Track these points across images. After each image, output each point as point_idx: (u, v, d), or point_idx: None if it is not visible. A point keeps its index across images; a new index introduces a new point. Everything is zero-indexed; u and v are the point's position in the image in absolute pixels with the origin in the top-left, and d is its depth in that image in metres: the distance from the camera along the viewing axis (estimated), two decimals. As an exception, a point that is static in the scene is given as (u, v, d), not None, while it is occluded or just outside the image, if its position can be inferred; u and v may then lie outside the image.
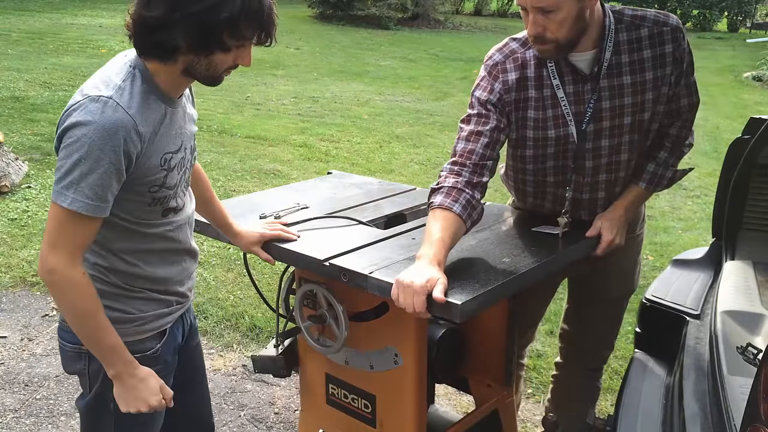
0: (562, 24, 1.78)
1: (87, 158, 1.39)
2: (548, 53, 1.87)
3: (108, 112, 1.39)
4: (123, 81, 1.45)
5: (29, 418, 2.77)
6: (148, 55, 1.47)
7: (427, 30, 19.00)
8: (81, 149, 1.38)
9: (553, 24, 1.78)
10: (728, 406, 1.70)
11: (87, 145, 1.38)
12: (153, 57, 1.47)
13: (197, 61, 1.47)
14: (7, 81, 8.38)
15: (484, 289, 1.65)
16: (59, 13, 15.38)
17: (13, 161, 5.25)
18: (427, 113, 8.84)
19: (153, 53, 1.46)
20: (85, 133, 1.38)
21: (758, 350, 1.82)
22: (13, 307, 3.60)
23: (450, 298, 1.60)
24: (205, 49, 1.44)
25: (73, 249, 1.44)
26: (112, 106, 1.40)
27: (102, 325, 1.51)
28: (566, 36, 1.81)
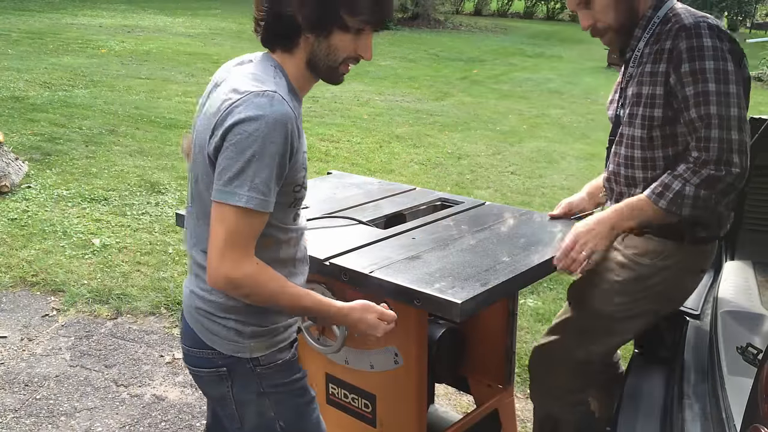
0: (606, 10, 1.87)
1: (261, 153, 1.34)
2: (611, 42, 1.95)
3: (276, 105, 1.36)
4: (274, 77, 1.43)
5: (29, 418, 2.77)
6: (274, 43, 1.47)
7: (427, 30, 18.99)
8: (254, 144, 1.34)
9: (598, 13, 1.87)
10: (728, 406, 1.70)
11: (261, 139, 1.34)
12: (278, 45, 1.47)
13: (317, 46, 1.44)
14: (7, 81, 8.38)
15: (483, 288, 1.66)
16: (59, 13, 15.38)
17: (13, 161, 5.25)
18: (427, 113, 8.83)
19: (277, 39, 1.46)
20: (257, 128, 1.33)
21: (758, 350, 1.82)
22: (13, 307, 3.60)
23: (449, 297, 1.60)
24: (323, 26, 1.41)
25: (247, 246, 1.40)
26: (278, 99, 1.37)
27: (298, 293, 1.49)
28: (616, 20, 1.88)
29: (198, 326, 1.54)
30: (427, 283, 1.69)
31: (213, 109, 1.41)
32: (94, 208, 4.86)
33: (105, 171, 5.63)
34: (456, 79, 11.80)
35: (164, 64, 10.63)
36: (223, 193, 1.36)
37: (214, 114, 1.40)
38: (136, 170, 5.70)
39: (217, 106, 1.40)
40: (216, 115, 1.39)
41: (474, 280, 1.69)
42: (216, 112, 1.39)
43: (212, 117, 1.40)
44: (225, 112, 1.37)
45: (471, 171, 6.44)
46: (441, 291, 1.65)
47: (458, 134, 7.83)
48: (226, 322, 1.51)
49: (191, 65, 10.71)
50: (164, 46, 12.21)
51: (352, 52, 1.47)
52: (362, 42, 1.46)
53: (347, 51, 1.46)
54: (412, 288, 1.67)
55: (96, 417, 2.79)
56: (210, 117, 1.41)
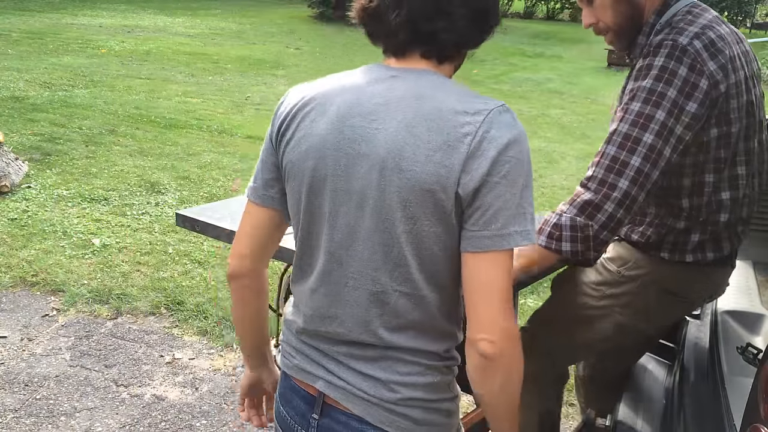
0: (604, 10, 1.77)
1: (529, 179, 1.14)
2: (612, 43, 1.85)
3: (516, 118, 1.16)
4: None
5: (29, 418, 2.77)
6: (437, 54, 1.23)
7: (427, 30, 18.97)
8: (522, 169, 1.13)
9: (598, 12, 1.79)
10: (728, 406, 1.70)
11: (526, 162, 1.14)
12: (436, 55, 1.23)
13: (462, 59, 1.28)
14: (7, 81, 8.38)
15: None
16: (59, 13, 15.38)
17: (13, 161, 5.25)
18: (427, 113, 8.83)
19: (442, 49, 1.23)
20: (521, 149, 1.13)
21: (758, 350, 1.82)
22: (13, 307, 3.60)
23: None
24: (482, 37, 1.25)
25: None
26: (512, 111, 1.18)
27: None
28: (615, 21, 1.77)
29: (400, 424, 1.22)
30: None
31: (422, 141, 1.11)
32: (94, 208, 4.86)
33: (105, 171, 5.63)
34: (456, 79, 11.79)
35: (164, 64, 10.64)
36: (501, 238, 1.11)
37: (439, 148, 1.10)
38: (136, 170, 5.70)
39: (440, 136, 1.11)
40: (469, 141, 1.10)
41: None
42: (444, 144, 1.10)
43: (437, 152, 1.10)
44: (473, 141, 1.10)
45: (471, 171, 6.43)
46: None
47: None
48: (440, 404, 1.26)
49: (191, 65, 10.71)
50: (164, 46, 12.21)
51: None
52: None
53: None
54: None
55: (96, 417, 2.79)
56: (432, 151, 1.10)
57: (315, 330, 1.27)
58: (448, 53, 1.22)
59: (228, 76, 10.15)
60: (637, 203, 1.54)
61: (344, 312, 1.22)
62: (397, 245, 1.15)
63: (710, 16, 1.71)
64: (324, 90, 1.23)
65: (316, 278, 1.25)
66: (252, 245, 1.34)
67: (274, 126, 1.28)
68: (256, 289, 1.39)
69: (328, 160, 1.17)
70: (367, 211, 1.15)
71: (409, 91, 1.15)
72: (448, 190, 1.10)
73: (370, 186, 1.14)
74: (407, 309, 1.19)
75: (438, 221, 1.13)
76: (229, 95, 9.07)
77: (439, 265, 1.17)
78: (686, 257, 1.76)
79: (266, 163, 1.30)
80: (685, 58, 1.56)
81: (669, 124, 1.54)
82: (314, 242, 1.24)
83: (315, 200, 1.21)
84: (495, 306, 1.12)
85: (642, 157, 1.53)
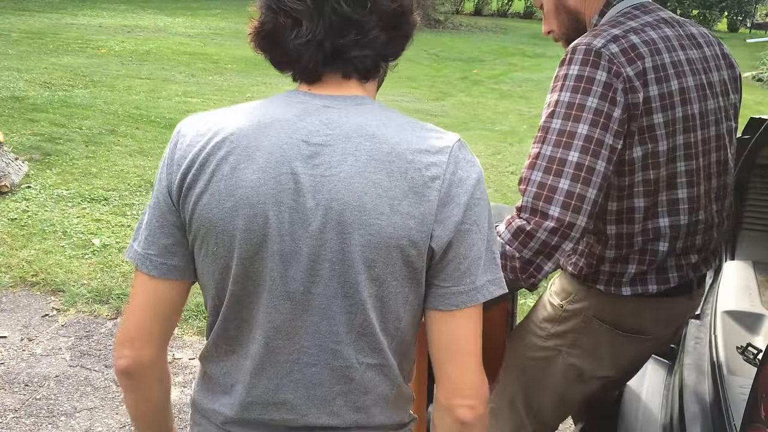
0: (550, 17, 1.70)
1: (491, 215, 1.04)
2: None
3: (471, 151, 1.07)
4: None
5: (29, 418, 2.77)
6: (366, 73, 1.08)
7: (427, 30, 18.98)
8: (487, 208, 1.03)
9: (549, 21, 1.71)
10: (728, 406, 1.70)
11: (487, 199, 1.04)
12: (366, 74, 1.08)
13: (384, 71, 1.14)
14: (7, 81, 8.38)
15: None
16: (59, 13, 15.38)
17: (13, 161, 5.25)
18: (427, 113, 8.83)
19: (372, 68, 1.08)
20: (483, 188, 1.02)
21: (758, 350, 1.82)
22: (13, 307, 3.60)
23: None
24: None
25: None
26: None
27: None
28: (561, 30, 1.69)
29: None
30: None
31: (383, 190, 0.96)
32: (94, 208, 4.86)
33: (105, 171, 5.63)
34: (456, 79, 11.80)
35: (164, 64, 10.63)
36: (476, 291, 1.00)
37: (404, 195, 0.96)
38: (136, 170, 5.70)
39: (403, 182, 0.96)
40: (417, 194, 0.96)
41: None
42: (410, 191, 0.96)
43: (403, 200, 0.96)
44: (443, 185, 0.97)
45: (471, 171, 6.44)
46: None
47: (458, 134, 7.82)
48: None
49: (191, 65, 10.71)
50: (164, 46, 12.21)
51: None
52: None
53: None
54: None
55: (96, 417, 2.79)
56: (397, 201, 0.96)
57: (255, 419, 1.06)
58: (369, 69, 1.04)
59: (228, 76, 10.15)
60: (575, 228, 1.40)
61: (296, 395, 1.04)
62: (361, 312, 0.99)
63: (649, 18, 1.55)
64: (238, 127, 1.00)
65: (256, 358, 1.04)
66: (153, 329, 1.07)
67: (172, 176, 1.01)
68: (161, 378, 1.14)
69: (268, 218, 0.96)
70: (322, 276, 0.98)
71: (353, 128, 0.98)
72: (419, 245, 0.96)
73: (325, 246, 0.96)
74: (375, 382, 1.05)
75: (405, 281, 0.99)
76: (229, 95, 9.07)
77: (404, 328, 1.04)
78: (622, 290, 1.58)
79: (163, 224, 1.04)
80: (601, 61, 1.43)
81: (595, 136, 1.40)
82: (247, 314, 1.03)
83: (251, 267, 0.99)
84: (472, 368, 1.01)
85: (570, 178, 1.39)
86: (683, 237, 1.57)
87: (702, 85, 1.56)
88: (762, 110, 10.16)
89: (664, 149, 1.49)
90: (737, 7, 23.01)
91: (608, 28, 1.51)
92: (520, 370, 1.80)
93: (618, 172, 1.50)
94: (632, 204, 1.52)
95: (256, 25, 1.03)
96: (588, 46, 1.45)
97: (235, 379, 1.07)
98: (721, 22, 23.68)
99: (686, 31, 1.60)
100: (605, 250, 1.58)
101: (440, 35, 18.14)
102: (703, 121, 1.56)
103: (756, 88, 12.65)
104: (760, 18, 24.81)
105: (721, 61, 1.65)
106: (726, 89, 1.64)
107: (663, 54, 1.50)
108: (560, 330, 1.68)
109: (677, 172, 1.53)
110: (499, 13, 24.30)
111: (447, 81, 11.55)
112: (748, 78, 13.43)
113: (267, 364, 1.04)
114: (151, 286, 1.07)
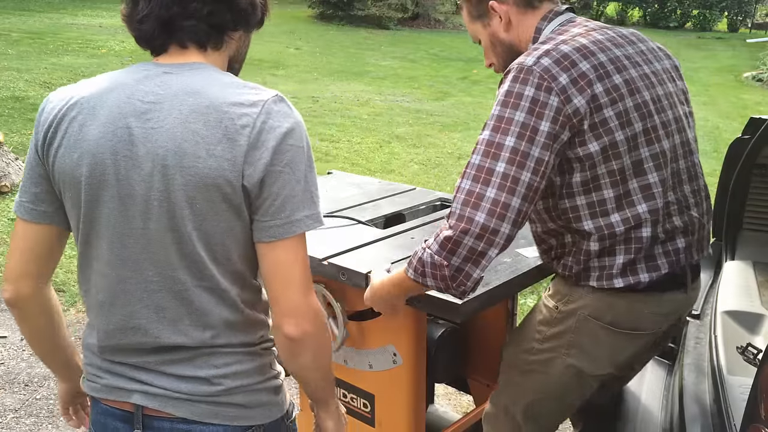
0: (487, 53, 1.78)
1: (311, 163, 1.18)
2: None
3: (292, 107, 1.19)
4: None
5: (29, 418, 2.77)
6: (204, 39, 1.23)
7: (427, 30, 18.99)
8: (304, 155, 1.16)
9: (488, 55, 1.79)
10: (728, 406, 1.70)
11: (306, 147, 1.17)
12: (208, 41, 1.23)
13: (243, 42, 1.31)
14: (7, 81, 8.38)
15: (484, 289, 1.65)
16: (59, 13, 15.38)
17: (13, 161, 5.25)
18: (427, 113, 8.83)
19: (209, 34, 1.23)
20: (301, 136, 1.16)
21: (758, 350, 1.82)
22: (13, 307, 3.60)
23: (451, 299, 1.60)
24: (260, 19, 1.29)
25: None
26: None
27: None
28: (499, 62, 1.77)
29: (227, 413, 1.23)
30: None
31: (201, 137, 1.11)
32: (93, 208, 4.86)
33: (105, 171, 5.63)
34: (456, 79, 11.80)
35: (164, 64, 10.64)
36: (292, 225, 1.14)
37: (219, 141, 1.11)
38: (135, 170, 5.70)
39: (218, 130, 1.11)
40: (248, 132, 1.12)
41: None
42: (224, 138, 1.11)
43: (217, 145, 1.11)
44: (252, 132, 1.12)
45: (471, 171, 6.43)
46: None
47: (458, 134, 7.83)
48: (265, 383, 1.29)
49: (191, 65, 10.72)
50: (164, 46, 12.22)
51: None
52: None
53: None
54: None
55: (95, 417, 2.79)
56: (212, 146, 1.11)
57: (117, 345, 1.23)
58: (201, 39, 1.19)
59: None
60: (499, 235, 1.44)
61: (149, 320, 1.19)
62: (189, 242, 1.15)
63: (579, 30, 1.63)
64: (89, 92, 1.18)
65: (108, 290, 1.20)
66: (28, 267, 1.26)
67: (38, 135, 1.20)
68: (45, 309, 1.31)
69: (106, 165, 1.13)
70: (154, 213, 1.14)
71: (182, 87, 1.14)
72: (233, 183, 1.11)
73: (153, 188, 1.12)
74: (212, 304, 1.19)
75: (227, 215, 1.14)
76: (229, 95, 9.06)
77: (234, 257, 1.18)
78: (614, 282, 1.61)
79: (33, 175, 1.21)
80: (531, 77, 1.49)
81: (521, 148, 1.45)
82: (96, 252, 1.20)
83: (96, 209, 1.16)
84: (294, 290, 1.16)
85: (496, 187, 1.44)
86: (662, 220, 1.60)
87: (646, 75, 1.62)
88: (762, 110, 10.17)
89: (622, 139, 1.54)
90: (737, 7, 23.00)
91: (539, 45, 1.58)
92: (518, 374, 1.81)
93: (579, 168, 1.55)
94: (601, 196, 1.57)
95: (122, 8, 1.21)
96: (520, 65, 1.52)
97: (95, 313, 1.24)
98: (721, 22, 23.69)
99: (617, 33, 1.67)
100: (589, 244, 1.60)
101: (440, 35, 18.15)
102: (656, 106, 1.61)
103: (756, 88, 12.65)
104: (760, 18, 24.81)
105: (659, 52, 1.71)
106: (671, 76, 1.70)
107: (598, 54, 1.56)
108: (556, 331, 1.69)
109: (642, 158, 1.57)
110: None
111: (447, 81, 11.56)
112: (749, 78, 13.43)
113: (119, 294, 1.20)
114: (24, 229, 1.24)
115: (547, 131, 1.47)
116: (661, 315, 1.67)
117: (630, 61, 1.61)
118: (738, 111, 10.09)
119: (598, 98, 1.51)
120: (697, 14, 22.92)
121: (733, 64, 14.70)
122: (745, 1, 22.85)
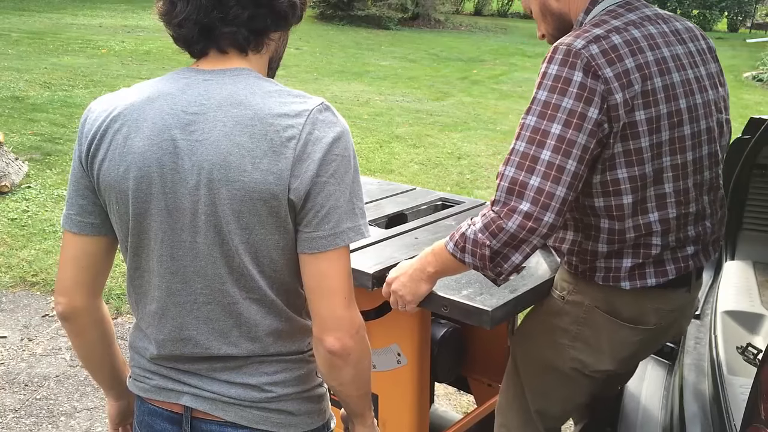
0: (539, 20, 1.72)
1: (356, 171, 1.17)
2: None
3: (337, 114, 1.18)
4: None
5: (29, 418, 2.77)
6: (243, 43, 1.19)
7: (427, 30, 18.99)
8: (349, 164, 1.15)
9: (540, 25, 1.73)
10: (728, 406, 1.71)
11: (352, 157, 1.16)
12: (248, 45, 1.19)
13: (281, 43, 1.27)
14: (7, 81, 8.38)
15: (513, 295, 1.65)
16: (59, 13, 15.38)
17: (13, 161, 5.25)
18: (427, 113, 8.83)
19: (248, 38, 1.19)
20: (346, 145, 1.14)
21: (758, 350, 1.82)
22: (13, 307, 3.60)
23: (480, 305, 1.59)
24: (298, 17, 1.24)
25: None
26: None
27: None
28: (549, 32, 1.72)
29: (275, 419, 1.24)
30: (454, 290, 1.66)
31: (246, 150, 1.09)
32: (94, 208, 4.87)
33: (105, 171, 5.63)
34: (456, 79, 11.80)
35: (164, 64, 10.64)
36: (335, 237, 1.13)
37: (264, 154, 1.09)
38: (136, 170, 5.70)
39: (263, 142, 1.10)
40: (276, 152, 1.10)
41: (503, 287, 1.65)
42: (270, 150, 1.09)
43: (263, 158, 1.09)
44: (298, 144, 1.10)
45: (471, 171, 6.44)
46: (469, 298, 1.62)
47: (458, 134, 7.83)
48: (312, 392, 1.28)
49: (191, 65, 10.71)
50: (164, 46, 12.20)
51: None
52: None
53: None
54: (439, 294, 1.65)
55: (96, 417, 2.79)
56: (258, 159, 1.09)
57: (170, 354, 1.23)
58: (242, 43, 1.16)
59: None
60: (543, 224, 1.42)
61: (199, 331, 1.20)
62: (237, 256, 1.14)
63: (633, 17, 1.56)
64: (132, 102, 1.16)
65: (159, 302, 1.20)
66: (79, 279, 1.25)
67: (81, 146, 1.18)
68: (98, 322, 1.30)
69: (152, 178, 1.12)
70: (201, 227, 1.13)
71: (225, 97, 1.12)
72: (279, 197, 1.10)
73: (200, 201, 1.12)
74: (261, 315, 1.19)
75: (274, 228, 1.13)
76: (229, 95, 9.06)
77: (281, 268, 1.18)
78: (621, 284, 1.60)
79: (78, 187, 1.21)
80: (579, 62, 1.45)
81: (568, 136, 1.43)
82: (145, 264, 1.20)
83: (144, 222, 1.16)
84: (336, 302, 1.15)
85: (541, 176, 1.42)
86: (675, 230, 1.58)
87: (688, 80, 1.57)
88: (762, 110, 10.16)
89: (647, 145, 1.51)
90: (737, 7, 23.00)
91: (591, 28, 1.52)
92: (524, 368, 1.82)
93: (601, 170, 1.52)
94: (620, 201, 1.54)
95: (158, 6, 1.18)
96: (568, 46, 1.47)
97: (148, 323, 1.23)
98: (721, 22, 23.69)
99: (671, 28, 1.60)
100: (597, 245, 1.59)
101: (440, 35, 18.15)
102: (691, 115, 1.57)
103: (756, 88, 12.65)
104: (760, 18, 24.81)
105: (707, 55, 1.66)
106: (714, 83, 1.65)
107: (646, 52, 1.51)
108: (562, 323, 1.70)
109: (663, 167, 1.54)
110: (499, 13, 24.31)
111: (447, 81, 11.55)
112: (749, 78, 13.43)
113: (170, 306, 1.20)
114: (73, 241, 1.24)
115: (595, 118, 1.44)
116: (665, 311, 1.67)
117: (676, 63, 1.56)
118: (738, 111, 10.08)
119: (633, 100, 1.47)
120: (697, 14, 22.91)
121: (733, 64, 14.69)
122: (745, 1, 22.85)
